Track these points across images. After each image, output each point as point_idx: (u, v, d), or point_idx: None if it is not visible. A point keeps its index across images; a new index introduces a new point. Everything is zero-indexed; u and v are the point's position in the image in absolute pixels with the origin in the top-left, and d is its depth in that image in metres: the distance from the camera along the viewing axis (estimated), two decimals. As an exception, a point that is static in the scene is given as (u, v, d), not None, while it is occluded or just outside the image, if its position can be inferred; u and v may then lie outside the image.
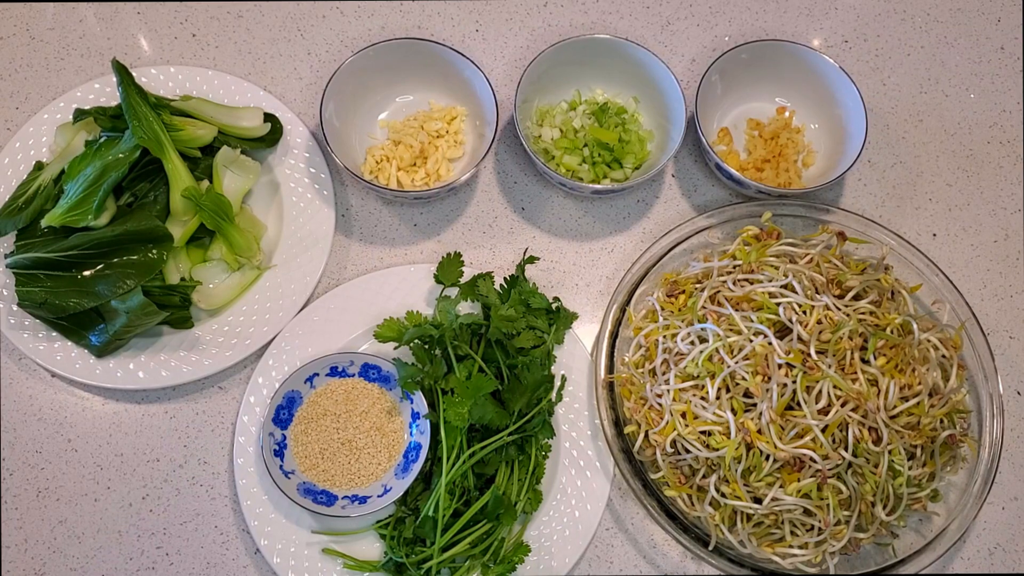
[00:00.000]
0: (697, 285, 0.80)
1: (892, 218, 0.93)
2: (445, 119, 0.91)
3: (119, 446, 0.81)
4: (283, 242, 0.86)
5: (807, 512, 0.72)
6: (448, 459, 0.74)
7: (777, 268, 0.77)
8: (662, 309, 0.81)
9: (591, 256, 0.90)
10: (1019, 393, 0.87)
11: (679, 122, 0.87)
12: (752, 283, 0.77)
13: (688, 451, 0.74)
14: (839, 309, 0.74)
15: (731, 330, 0.74)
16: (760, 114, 0.95)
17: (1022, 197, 0.94)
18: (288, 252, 0.86)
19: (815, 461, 0.70)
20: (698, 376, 0.74)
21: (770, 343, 0.72)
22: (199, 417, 0.82)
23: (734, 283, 0.78)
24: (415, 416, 0.79)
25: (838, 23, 1.01)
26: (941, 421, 0.75)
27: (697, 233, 0.85)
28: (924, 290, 0.84)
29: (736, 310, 0.75)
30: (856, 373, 0.72)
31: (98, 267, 0.79)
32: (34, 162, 0.86)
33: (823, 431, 0.70)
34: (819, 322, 0.73)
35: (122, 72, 0.83)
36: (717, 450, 0.72)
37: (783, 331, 0.74)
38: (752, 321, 0.73)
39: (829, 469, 0.70)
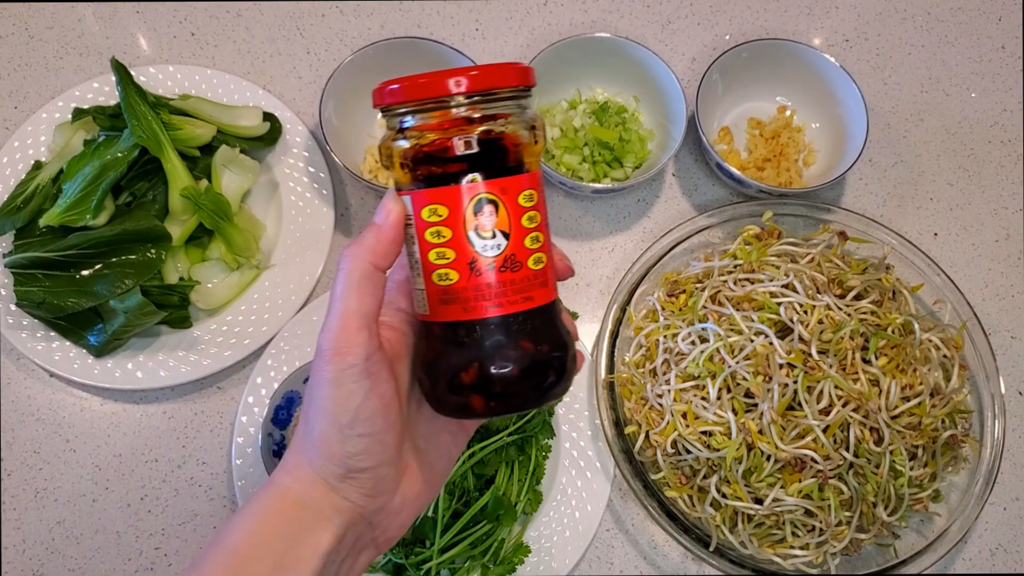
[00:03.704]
0: (698, 285, 0.80)
1: (893, 217, 0.92)
2: (445, 118, 0.91)
3: (117, 446, 0.81)
4: (282, 241, 0.86)
5: (808, 513, 0.72)
6: (448, 459, 0.74)
7: (778, 268, 0.77)
8: (663, 309, 0.80)
9: (591, 256, 0.89)
10: (1021, 393, 0.87)
11: (679, 121, 0.86)
12: (753, 283, 0.77)
13: (689, 451, 0.74)
14: (840, 309, 0.74)
15: (732, 330, 0.74)
16: (761, 113, 0.95)
17: (1023, 196, 0.94)
18: (287, 252, 0.85)
19: (816, 461, 0.70)
20: (699, 376, 0.74)
21: (771, 343, 0.72)
22: (197, 417, 0.82)
23: (735, 283, 0.77)
24: (415, 416, 0.78)
25: (839, 22, 1.01)
26: (943, 421, 0.75)
27: (698, 232, 0.84)
28: (925, 290, 0.83)
29: (737, 310, 0.75)
30: (857, 373, 0.72)
31: (96, 267, 0.78)
32: (32, 161, 0.86)
33: (824, 431, 0.70)
34: (820, 322, 0.72)
35: (121, 71, 0.83)
36: (718, 450, 0.71)
37: (784, 331, 0.74)
38: (753, 321, 0.73)
39: (830, 469, 0.70)
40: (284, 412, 0.78)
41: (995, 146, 0.96)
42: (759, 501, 0.72)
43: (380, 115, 0.47)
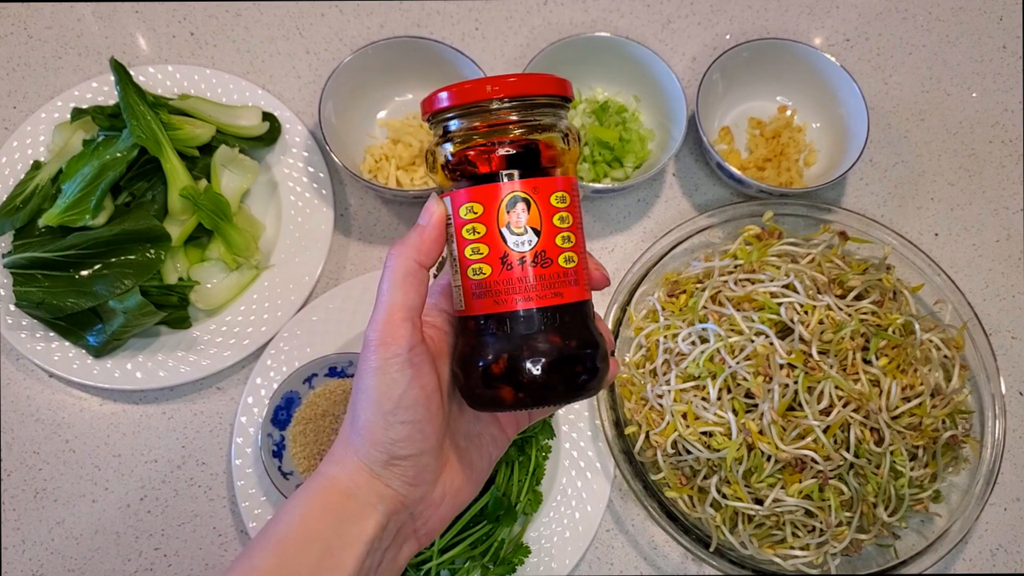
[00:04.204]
0: (698, 285, 0.80)
1: (894, 218, 0.92)
2: (445, 118, 0.91)
3: (117, 447, 0.81)
4: (281, 241, 0.86)
5: (808, 513, 0.72)
6: (447, 460, 0.74)
7: (778, 268, 0.77)
8: (663, 309, 0.80)
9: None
10: (1021, 394, 0.86)
11: (680, 121, 0.86)
12: (753, 283, 0.76)
13: (689, 452, 0.74)
14: (841, 309, 0.74)
15: (732, 330, 0.73)
16: (761, 113, 0.95)
17: (1024, 196, 0.94)
18: (286, 252, 0.85)
19: (817, 462, 0.70)
20: (699, 376, 0.73)
21: (772, 343, 0.71)
22: (197, 418, 0.82)
23: (735, 283, 0.77)
24: (414, 417, 0.78)
25: (840, 22, 1.01)
26: (943, 422, 0.75)
27: (698, 232, 0.84)
28: (926, 290, 0.83)
29: (737, 310, 0.74)
30: (858, 373, 0.71)
31: (96, 267, 0.78)
32: (32, 161, 0.86)
33: (825, 432, 0.69)
34: (821, 322, 0.72)
35: (120, 71, 0.83)
36: (718, 451, 0.71)
37: (785, 331, 0.74)
38: (753, 321, 0.73)
39: (831, 470, 0.70)
40: (284, 412, 0.78)
41: (996, 146, 0.96)
42: (759, 502, 0.72)
43: (429, 125, 0.50)
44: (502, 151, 0.46)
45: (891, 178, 0.94)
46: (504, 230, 0.46)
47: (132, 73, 0.84)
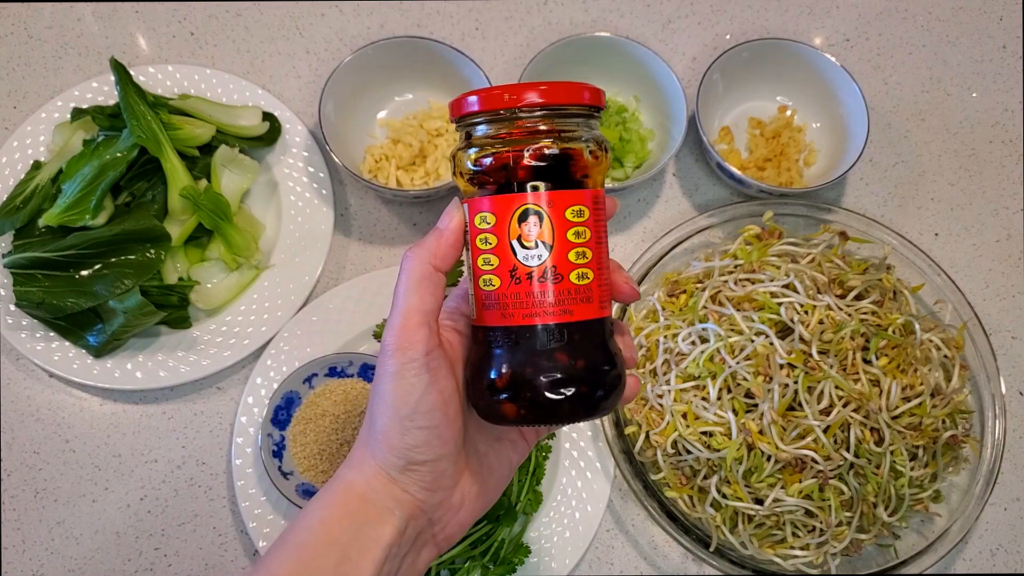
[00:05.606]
0: (698, 285, 0.80)
1: (894, 217, 0.92)
2: (444, 118, 0.91)
3: (117, 447, 0.81)
4: (281, 241, 0.86)
5: (809, 513, 0.72)
6: (448, 460, 0.74)
7: (779, 268, 0.77)
8: (663, 309, 0.80)
9: (591, 256, 0.89)
10: (1021, 394, 0.86)
11: (680, 121, 0.86)
12: (753, 283, 0.76)
13: (689, 452, 0.74)
14: (841, 309, 0.74)
15: (732, 330, 0.73)
16: (761, 113, 0.95)
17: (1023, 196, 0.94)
18: (287, 252, 0.85)
19: (817, 462, 0.70)
20: (699, 376, 0.73)
21: (772, 343, 0.71)
22: (197, 418, 0.82)
23: (735, 283, 0.77)
24: (414, 417, 0.78)
25: (840, 22, 1.01)
26: (943, 422, 0.75)
27: (698, 232, 0.84)
28: (926, 290, 0.83)
29: (737, 310, 0.75)
30: (858, 373, 0.71)
31: (96, 267, 0.78)
32: (32, 161, 0.86)
33: (825, 432, 0.69)
34: (821, 322, 0.72)
35: (120, 71, 0.83)
36: (718, 451, 0.71)
37: (785, 331, 0.74)
38: (753, 321, 0.73)
39: (831, 470, 0.70)
40: (284, 412, 0.78)
41: (996, 146, 0.96)
42: (759, 501, 0.72)
43: (455, 128, 0.48)
44: (518, 161, 0.44)
45: (891, 178, 0.94)
46: (514, 242, 0.45)
47: (132, 73, 0.84)
